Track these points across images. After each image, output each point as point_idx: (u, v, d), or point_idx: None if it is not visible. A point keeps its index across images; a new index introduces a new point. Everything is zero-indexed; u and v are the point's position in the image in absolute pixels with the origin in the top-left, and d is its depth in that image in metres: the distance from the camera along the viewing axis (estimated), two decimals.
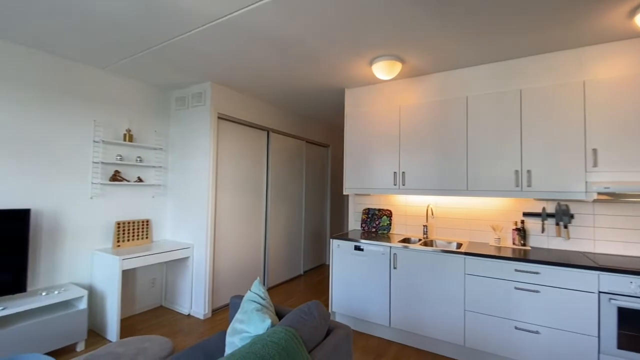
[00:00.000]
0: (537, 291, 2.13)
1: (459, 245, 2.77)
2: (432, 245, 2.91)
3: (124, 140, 3.01)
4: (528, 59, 2.49)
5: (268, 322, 1.44)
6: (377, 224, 3.28)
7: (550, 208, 2.54)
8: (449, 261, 2.43)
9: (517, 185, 2.43)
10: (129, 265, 2.67)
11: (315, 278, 4.52)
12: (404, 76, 2.96)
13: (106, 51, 2.51)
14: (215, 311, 3.26)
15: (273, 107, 4.03)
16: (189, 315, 3.18)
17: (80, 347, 2.47)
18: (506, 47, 2.35)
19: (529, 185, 2.39)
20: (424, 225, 3.00)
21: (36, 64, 2.50)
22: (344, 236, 2.97)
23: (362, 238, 2.89)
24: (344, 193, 3.24)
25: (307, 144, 4.86)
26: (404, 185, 2.88)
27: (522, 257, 2.22)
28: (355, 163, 3.16)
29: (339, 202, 5.78)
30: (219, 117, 3.27)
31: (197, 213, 3.20)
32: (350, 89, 3.33)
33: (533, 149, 2.39)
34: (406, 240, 2.98)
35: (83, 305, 2.48)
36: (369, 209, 3.37)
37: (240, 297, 2.02)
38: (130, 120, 3.12)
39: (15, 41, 2.35)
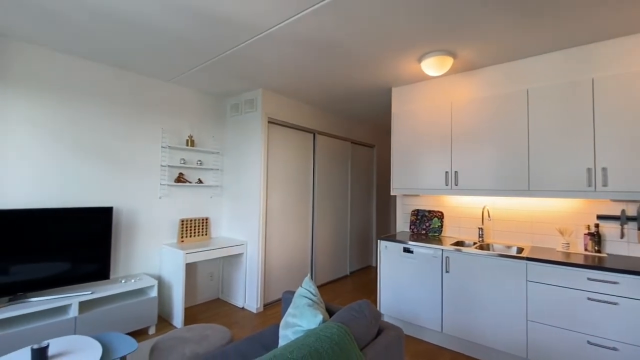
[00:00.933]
0: (615, 303, 1.89)
1: (520, 250, 2.57)
2: (488, 249, 2.74)
3: (187, 145, 3.31)
4: (600, 44, 2.23)
5: (320, 317, 1.49)
6: (427, 226, 3.18)
7: (632, 210, 2.24)
8: (508, 266, 2.27)
9: (590, 185, 2.18)
10: (192, 259, 2.93)
11: (361, 279, 4.50)
12: (455, 71, 2.84)
13: (171, 65, 2.79)
14: (266, 306, 3.42)
15: (319, 110, 4.12)
16: (242, 308, 3.38)
17: (151, 330, 2.76)
18: (574, 33, 2.13)
19: (604, 185, 2.14)
20: (479, 228, 2.83)
21: (115, 80, 2.87)
22: (392, 238, 2.93)
23: (411, 240, 2.82)
24: (392, 194, 3.19)
25: (353, 144, 4.87)
26: (456, 185, 2.76)
27: (597, 264, 1.99)
28: (404, 163, 3.10)
29: (385, 203, 5.69)
30: (269, 122, 3.44)
31: (249, 212, 3.40)
32: (397, 88, 3.28)
33: (609, 144, 2.13)
34: (459, 244, 2.85)
35: (154, 293, 2.77)
36: (418, 210, 3.27)
37: (292, 293, 2.10)
38: (191, 127, 3.42)
39: (102, 62, 2.73)
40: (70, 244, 2.47)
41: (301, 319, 1.57)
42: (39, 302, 2.22)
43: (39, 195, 2.45)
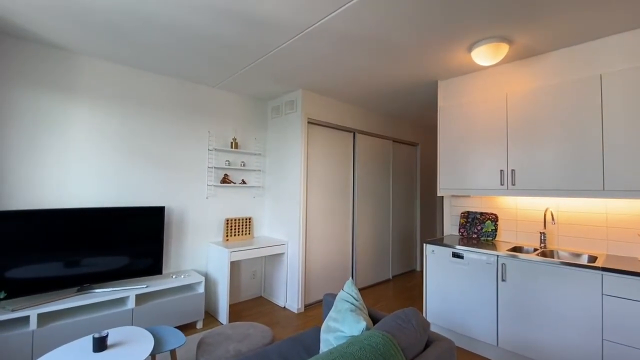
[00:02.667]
0: None
1: (593, 258, 2.25)
2: (552, 257, 2.44)
3: (231, 147, 3.42)
4: None
5: (363, 324, 1.42)
6: (479, 229, 2.93)
7: None
8: (578, 277, 1.99)
9: None
10: (236, 257, 3.01)
11: (405, 284, 4.31)
12: (510, 60, 2.58)
13: (217, 71, 2.90)
14: (307, 306, 3.40)
15: (359, 108, 4.02)
16: (284, 307, 3.41)
17: (199, 325, 2.88)
18: None
19: None
20: (540, 233, 2.54)
21: (165, 88, 3.06)
22: (439, 241, 2.74)
23: (460, 244, 2.62)
24: (439, 194, 3.00)
25: (394, 143, 4.69)
26: (513, 185, 2.50)
27: None
28: (451, 161, 2.89)
29: (430, 204, 5.40)
30: (308, 122, 3.43)
31: (290, 212, 3.41)
32: (443, 81, 3.08)
33: None
34: (517, 249, 2.58)
35: (201, 289, 2.90)
36: (468, 212, 3.04)
37: (333, 296, 2.05)
38: (235, 130, 3.54)
39: (155, 71, 2.92)
40: (128, 241, 2.66)
41: (343, 324, 1.50)
42: (102, 294, 2.42)
43: (100, 196, 2.69)
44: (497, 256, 2.34)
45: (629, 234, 2.22)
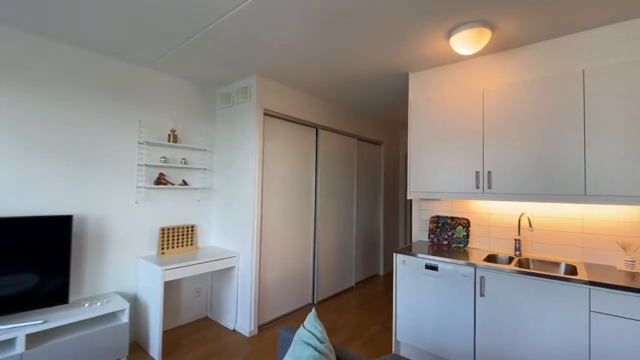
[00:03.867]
0: None
1: (571, 268, 2.10)
2: (528, 266, 2.27)
3: (169, 141, 2.83)
4: None
5: None
6: (449, 235, 2.71)
7: None
8: (563, 292, 1.80)
9: None
10: (171, 276, 2.45)
11: (368, 291, 4.03)
12: (487, 52, 2.37)
13: (147, 44, 2.31)
14: (261, 327, 2.94)
15: (322, 101, 3.64)
16: (234, 330, 2.91)
17: None
18: None
19: None
20: (515, 240, 2.36)
21: (85, 65, 2.39)
22: (410, 250, 2.46)
23: (432, 253, 2.36)
24: (408, 197, 2.72)
25: (359, 141, 4.39)
26: (490, 188, 2.28)
27: None
28: (423, 161, 2.63)
29: (393, 206, 5.22)
30: (264, 114, 2.96)
31: (242, 218, 2.92)
32: (415, 73, 2.80)
33: None
34: (492, 258, 2.38)
35: (125, 318, 2.30)
36: (438, 216, 2.80)
37: (292, 331, 1.63)
38: (174, 121, 2.94)
39: (61, 39, 2.25)
40: (19, 262, 1.99)
41: None
42: None
43: None
44: (475, 268, 2.10)
45: (606, 241, 2.10)
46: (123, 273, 2.61)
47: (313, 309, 1.46)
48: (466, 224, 2.65)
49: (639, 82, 1.80)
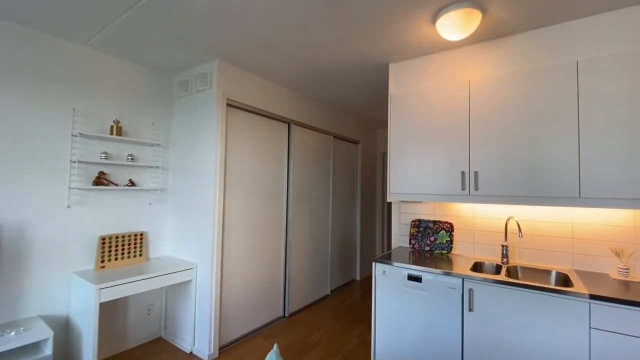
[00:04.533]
0: None
1: (563, 276, 1.93)
2: (517, 275, 2.09)
3: (111, 133, 2.40)
4: None
5: None
6: (432, 240, 2.49)
7: None
8: (561, 306, 1.61)
9: None
10: (109, 296, 2.04)
11: (345, 299, 3.76)
12: (476, 39, 2.17)
13: (80, 14, 1.88)
14: (223, 348, 2.58)
15: (295, 95, 3.33)
16: (190, 353, 2.52)
17: None
18: None
19: None
20: (502, 246, 2.17)
21: (4, 40, 1.93)
22: (390, 258, 2.21)
23: (414, 261, 2.12)
24: (389, 200, 2.47)
25: (336, 139, 4.12)
26: (476, 190, 2.08)
27: None
28: (404, 160, 2.39)
29: (370, 209, 5.00)
30: (228, 104, 2.60)
31: (201, 224, 2.54)
32: (396, 64, 2.56)
33: None
34: (479, 266, 2.18)
35: (48, 350, 1.87)
36: (420, 220, 2.58)
37: None
38: (120, 110, 2.51)
39: None
40: None
41: None
42: None
43: None
44: (463, 279, 1.88)
45: (597, 247, 1.95)
46: (52, 292, 2.16)
47: (275, 346, 1.14)
48: (449, 229, 2.44)
49: (639, 75, 1.64)
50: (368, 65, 2.59)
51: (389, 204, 5.09)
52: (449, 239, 2.43)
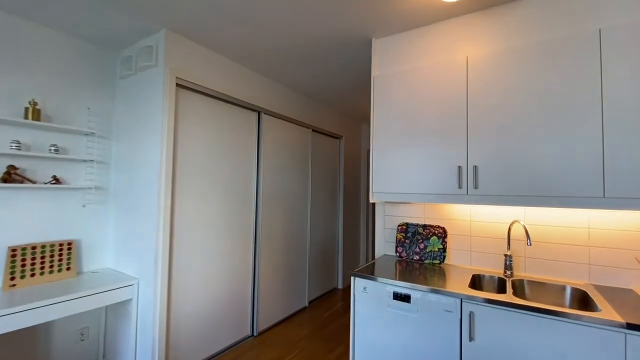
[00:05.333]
0: None
1: (580, 294, 1.59)
2: (523, 291, 1.73)
3: (26, 118, 1.91)
4: None
5: None
6: (421, 248, 2.11)
7: None
8: (588, 336, 1.25)
9: None
10: (16, 324, 1.56)
11: (324, 312, 3.36)
12: (477, 6, 1.80)
13: None
14: None
15: (266, 79, 2.90)
16: None
17: None
18: None
19: None
20: (506, 255, 1.81)
21: None
22: (372, 271, 1.82)
23: (401, 274, 1.74)
24: (372, 200, 2.09)
25: (315, 133, 3.71)
26: (476, 188, 1.71)
27: None
28: (389, 154, 2.00)
29: (354, 211, 4.61)
30: (178, 85, 2.16)
31: (144, 229, 2.09)
32: (381, 39, 2.18)
33: None
34: (478, 281, 1.82)
35: None
36: (408, 224, 2.20)
37: None
38: (42, 90, 2.03)
39: None
40: None
41: None
42: None
43: None
44: (462, 300, 1.50)
45: (620, 257, 1.61)
46: None
47: None
48: (442, 234, 2.07)
49: None
50: (348, 41, 2.20)
51: (375, 205, 4.72)
52: (441, 246, 2.06)
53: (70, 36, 2.16)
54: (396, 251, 2.20)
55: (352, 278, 1.83)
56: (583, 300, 1.56)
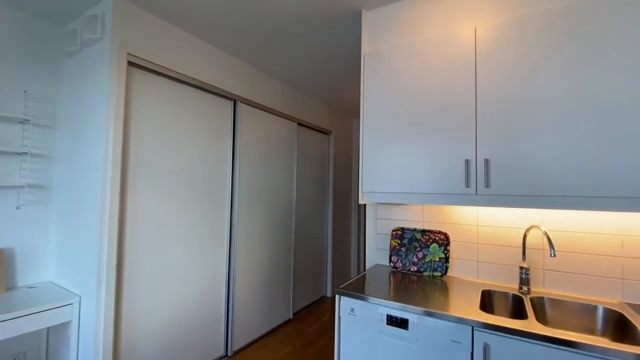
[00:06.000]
0: None
1: (614, 316, 1.29)
2: (544, 310, 1.43)
3: None
4: None
5: None
6: (420, 257, 1.80)
7: None
8: None
9: None
10: None
11: (311, 326, 3.03)
12: None
13: None
14: None
15: (241, 64, 2.57)
16: None
17: None
18: None
19: None
20: (521, 268, 1.51)
21: None
22: (362, 287, 1.49)
23: (396, 291, 1.43)
24: (361, 201, 1.76)
25: (301, 127, 3.38)
26: (487, 187, 1.40)
27: None
28: (382, 148, 1.69)
29: (344, 212, 4.29)
30: (131, 63, 1.81)
31: (85, 236, 1.73)
32: (372, 11, 1.86)
33: None
34: (488, 298, 1.51)
35: None
36: (403, 229, 1.89)
37: None
38: None
39: None
40: None
41: None
42: None
43: None
44: (472, 327, 1.19)
45: None
46: None
47: None
48: (444, 241, 1.76)
49: None
50: (334, 12, 1.87)
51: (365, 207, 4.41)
52: (443, 255, 1.75)
53: (1, 4, 1.79)
54: (390, 261, 1.88)
55: (337, 297, 1.50)
56: (620, 325, 1.26)
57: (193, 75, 2.12)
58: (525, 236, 1.52)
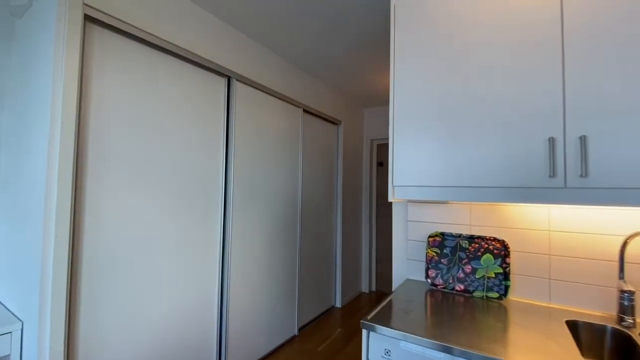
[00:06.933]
0: None
1: None
2: None
3: None
4: None
5: None
6: (467, 272, 1.37)
7: None
8: None
9: None
10: None
11: (319, 343, 2.61)
12: None
13: None
14: None
15: (237, 35, 2.15)
16: None
17: None
18: None
19: None
20: (622, 292, 1.07)
21: None
22: (393, 318, 1.07)
23: (436, 320, 0.99)
24: (391, 199, 1.33)
25: (307, 115, 2.96)
26: (584, 176, 0.96)
27: None
28: (421, 129, 1.25)
29: (355, 212, 3.86)
30: (89, 18, 1.39)
31: (30, 244, 1.32)
32: None
33: None
34: (578, 334, 1.08)
35: None
36: (444, 235, 1.46)
37: None
38: None
39: None
40: None
41: None
42: None
43: None
44: None
45: None
46: None
47: None
48: (501, 251, 1.33)
49: None
50: None
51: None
52: (501, 270, 1.32)
53: None
54: (427, 276, 1.45)
55: (364, 332, 1.07)
56: None
57: (176, 42, 1.70)
58: (624, 245, 1.08)
